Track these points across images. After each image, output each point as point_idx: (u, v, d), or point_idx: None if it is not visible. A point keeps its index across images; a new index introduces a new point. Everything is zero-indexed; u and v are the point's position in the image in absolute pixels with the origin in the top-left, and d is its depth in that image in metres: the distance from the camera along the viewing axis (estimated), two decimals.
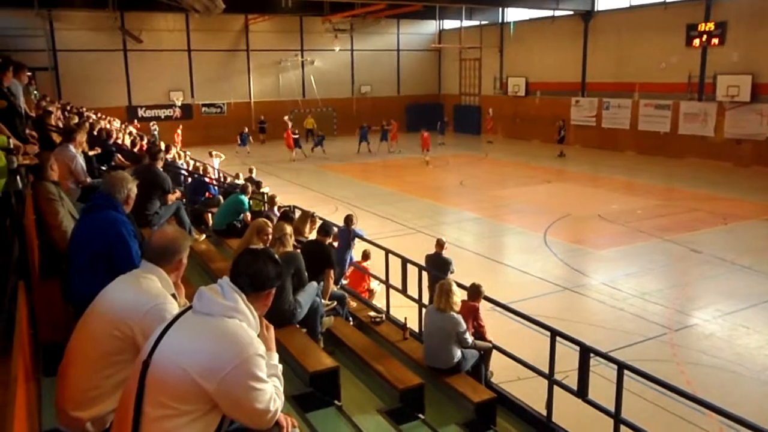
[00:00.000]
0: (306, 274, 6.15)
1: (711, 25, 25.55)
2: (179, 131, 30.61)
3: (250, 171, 17.75)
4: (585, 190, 21.88)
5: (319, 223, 8.01)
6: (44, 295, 4.25)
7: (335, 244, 8.35)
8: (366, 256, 10.40)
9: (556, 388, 5.91)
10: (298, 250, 6.62)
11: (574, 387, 5.70)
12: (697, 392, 6.37)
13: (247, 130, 32.46)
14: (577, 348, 5.64)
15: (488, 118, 35.86)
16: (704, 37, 25.80)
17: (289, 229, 6.34)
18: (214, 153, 22.12)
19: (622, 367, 5.19)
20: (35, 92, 18.17)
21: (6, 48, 26.09)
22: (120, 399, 2.38)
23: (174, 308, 2.70)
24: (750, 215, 17.44)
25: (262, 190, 14.26)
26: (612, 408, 5.25)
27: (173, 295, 2.86)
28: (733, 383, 8.36)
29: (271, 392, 2.26)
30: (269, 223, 6.66)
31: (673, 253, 14.08)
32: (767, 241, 15.12)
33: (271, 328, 2.56)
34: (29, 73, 9.76)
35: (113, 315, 2.69)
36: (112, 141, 12.49)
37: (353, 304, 7.89)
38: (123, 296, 2.74)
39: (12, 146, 4.71)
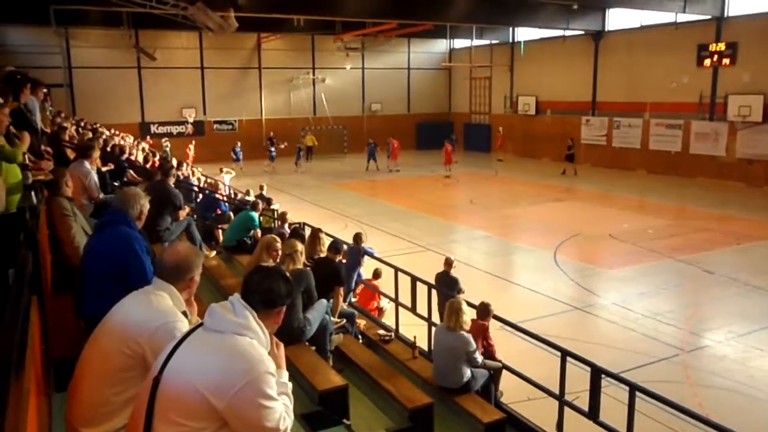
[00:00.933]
0: (316, 291, 6.15)
1: (722, 45, 25.55)
2: (191, 147, 30.85)
3: (261, 188, 17.80)
4: (596, 209, 21.80)
5: (325, 239, 8.02)
6: (56, 310, 4.28)
7: (343, 261, 8.35)
8: (377, 274, 10.35)
9: (566, 409, 5.85)
10: (309, 268, 6.62)
11: (585, 408, 5.64)
12: (710, 415, 6.28)
13: (270, 142, 33.17)
14: (588, 369, 5.58)
15: (498, 136, 35.79)
16: (715, 57, 25.78)
17: (300, 246, 6.35)
18: (224, 169, 22.26)
19: (633, 388, 5.14)
20: (50, 108, 18.40)
21: (23, 65, 26.46)
22: (130, 415, 2.38)
23: (184, 326, 2.70)
24: (763, 236, 17.28)
25: (272, 207, 14.31)
26: (624, 430, 5.18)
27: (184, 313, 2.86)
28: (746, 406, 8.24)
29: (281, 411, 2.25)
30: (278, 239, 6.68)
31: (685, 274, 13.96)
32: None
33: (281, 346, 2.55)
34: (45, 90, 9.91)
35: (123, 332, 2.69)
36: (125, 157, 12.59)
37: (362, 322, 7.87)
38: (134, 313, 2.74)
39: (27, 162, 4.77)
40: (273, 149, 32.47)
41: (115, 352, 2.67)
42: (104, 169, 9.32)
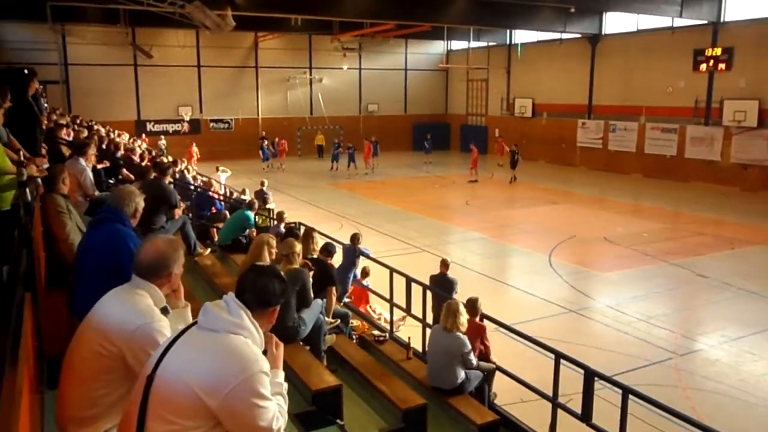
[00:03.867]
0: (312, 291, 6.16)
1: (718, 51, 25.67)
2: (194, 147, 30.33)
3: (262, 184, 17.85)
4: (591, 213, 21.86)
5: (318, 239, 8.01)
6: (49, 307, 4.26)
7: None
8: (365, 273, 10.32)
9: (559, 411, 5.86)
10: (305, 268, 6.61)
11: (578, 411, 5.65)
12: (702, 418, 6.31)
13: (266, 142, 33.01)
14: (582, 371, 5.60)
15: (499, 141, 34.48)
16: (711, 62, 25.91)
17: (298, 247, 6.33)
18: (220, 168, 22.15)
19: (626, 391, 5.15)
20: (45, 105, 18.33)
21: (19, 61, 26.42)
22: (123, 414, 2.37)
23: (164, 326, 2.65)
24: (757, 240, 17.36)
25: (268, 206, 14.31)
26: None
27: (164, 309, 2.80)
28: (738, 410, 8.28)
29: (275, 410, 2.25)
30: (273, 237, 6.68)
31: (679, 277, 14.01)
32: None
33: (281, 346, 2.53)
34: (40, 87, 9.87)
35: (101, 332, 2.64)
36: (120, 154, 12.59)
37: (356, 322, 7.86)
38: (112, 313, 2.69)
39: (23, 159, 4.75)
40: (266, 148, 32.19)
41: (94, 353, 2.62)
42: (99, 166, 9.31)
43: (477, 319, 7.19)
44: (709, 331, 11.08)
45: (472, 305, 7.17)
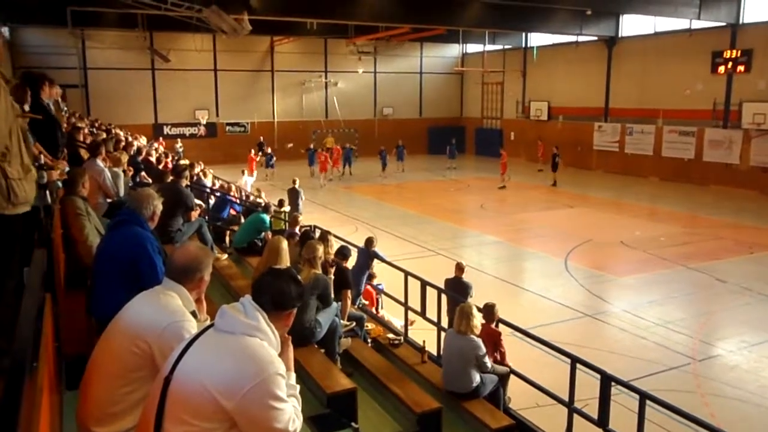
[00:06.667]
0: (332, 297, 6.21)
1: (737, 52, 25.38)
2: (253, 154, 29.17)
3: (294, 182, 18.45)
4: (607, 216, 21.68)
5: (334, 242, 8.03)
6: (68, 308, 4.31)
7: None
8: (371, 275, 10.24)
9: (575, 416, 5.82)
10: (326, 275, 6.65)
11: (595, 416, 5.61)
12: (721, 425, 6.23)
13: (312, 147, 32.27)
14: (598, 376, 5.55)
15: (540, 145, 33.30)
16: (730, 64, 25.62)
17: (320, 251, 6.35)
18: (246, 172, 21.90)
19: (644, 396, 5.10)
20: (65, 108, 18.57)
21: (39, 65, 26.78)
22: (141, 415, 2.40)
23: (192, 326, 2.71)
24: None
25: (283, 209, 14.36)
26: None
27: (193, 313, 2.87)
28: (758, 417, 8.16)
29: (291, 412, 2.26)
30: (284, 240, 6.72)
31: (697, 282, 13.85)
32: None
33: (291, 347, 2.54)
34: (60, 90, 10.00)
35: (133, 331, 2.71)
36: (141, 158, 12.74)
37: (371, 325, 7.87)
38: (143, 313, 2.76)
39: (43, 162, 4.81)
40: (269, 154, 30.58)
41: (124, 352, 2.69)
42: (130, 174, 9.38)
43: (493, 325, 7.16)
44: (728, 336, 10.95)
45: (489, 311, 7.15)
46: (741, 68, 25.33)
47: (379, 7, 25.18)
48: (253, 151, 29.56)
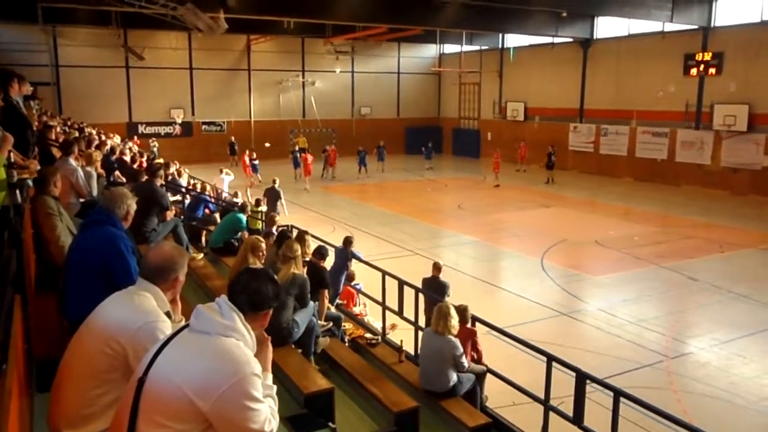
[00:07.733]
0: (309, 297, 6.19)
1: (708, 55, 25.84)
2: (309, 157, 28.23)
3: (274, 182, 18.40)
4: (582, 216, 21.94)
5: (311, 243, 8.01)
6: (39, 309, 4.23)
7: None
8: (350, 277, 10.24)
9: (551, 414, 5.87)
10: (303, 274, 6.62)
11: (570, 413, 5.66)
12: (693, 421, 6.33)
13: (328, 148, 31.80)
14: (573, 374, 5.61)
15: (522, 145, 33.18)
16: (702, 67, 26.07)
17: (299, 251, 6.33)
18: (224, 171, 21.47)
19: (618, 394, 5.16)
20: (37, 106, 18.22)
21: (9, 62, 26.25)
22: (114, 416, 2.36)
23: (167, 327, 2.67)
24: (746, 243, 17.48)
25: (259, 208, 14.29)
26: None
27: (167, 313, 2.83)
28: (728, 413, 8.32)
29: (267, 413, 2.24)
30: (262, 240, 6.70)
31: (669, 281, 14.08)
32: (764, 269, 15.14)
33: (270, 349, 2.53)
34: (31, 87, 9.80)
35: (105, 331, 2.66)
36: (115, 157, 12.56)
37: (348, 325, 7.85)
38: (116, 313, 2.71)
39: (13, 161, 4.71)
40: (254, 162, 27.80)
41: (97, 353, 2.64)
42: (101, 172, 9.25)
43: (468, 325, 7.19)
44: (700, 334, 11.14)
45: (462, 314, 7.16)
46: (712, 71, 25.80)
47: (357, 7, 25.16)
48: (247, 158, 27.69)
